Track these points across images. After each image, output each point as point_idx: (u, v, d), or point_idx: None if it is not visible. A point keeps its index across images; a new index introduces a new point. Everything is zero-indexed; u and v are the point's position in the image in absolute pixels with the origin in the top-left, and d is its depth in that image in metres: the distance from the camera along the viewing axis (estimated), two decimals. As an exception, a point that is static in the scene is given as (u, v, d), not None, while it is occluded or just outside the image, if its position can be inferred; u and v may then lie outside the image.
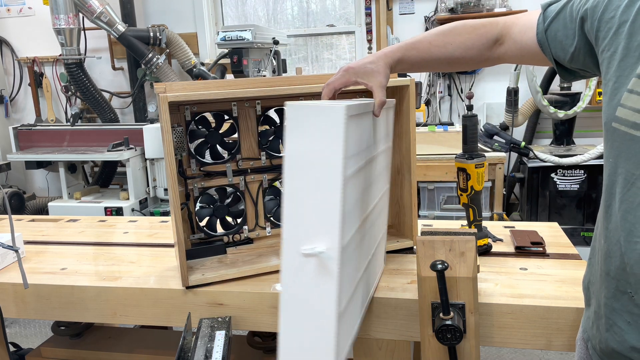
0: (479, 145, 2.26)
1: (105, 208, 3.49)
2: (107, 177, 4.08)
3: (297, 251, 0.81)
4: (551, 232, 1.58)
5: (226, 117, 1.46)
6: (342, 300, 0.84)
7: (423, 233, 1.17)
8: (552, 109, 3.41)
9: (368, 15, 4.12)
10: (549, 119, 3.66)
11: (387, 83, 1.13)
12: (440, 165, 3.11)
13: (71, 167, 3.87)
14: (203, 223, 1.48)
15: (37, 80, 4.53)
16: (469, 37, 1.12)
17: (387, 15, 4.03)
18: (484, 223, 1.53)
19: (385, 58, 1.14)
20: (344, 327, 0.89)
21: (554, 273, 1.29)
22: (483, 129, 3.25)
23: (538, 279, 1.27)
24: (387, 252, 1.47)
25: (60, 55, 3.84)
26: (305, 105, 0.83)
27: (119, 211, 3.46)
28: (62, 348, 1.77)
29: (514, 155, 3.55)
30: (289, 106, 0.83)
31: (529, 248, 1.44)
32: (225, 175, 1.47)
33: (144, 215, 3.55)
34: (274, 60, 3.47)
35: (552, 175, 3.30)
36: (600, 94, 3.42)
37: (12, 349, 1.96)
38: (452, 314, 1.09)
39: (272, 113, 1.49)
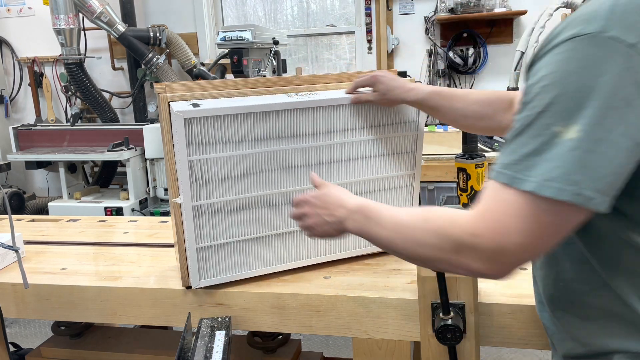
0: (479, 145, 2.26)
1: (105, 208, 3.49)
2: (107, 177, 4.08)
3: (175, 199, 1.24)
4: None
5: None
6: (199, 235, 1.26)
7: (423, 233, 1.17)
8: (552, 109, 3.41)
9: (368, 15, 4.12)
10: (549, 119, 3.66)
11: (388, 103, 1.30)
12: (440, 165, 3.11)
13: (71, 167, 3.86)
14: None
15: (37, 80, 4.53)
16: (487, 97, 1.20)
17: (387, 15, 4.03)
18: (484, 223, 1.53)
19: (408, 93, 1.26)
20: (209, 254, 1.29)
21: (554, 273, 1.29)
22: (483, 129, 3.25)
23: (538, 279, 1.27)
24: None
25: (60, 55, 3.84)
26: (173, 106, 1.18)
27: (119, 211, 3.45)
28: (62, 348, 1.77)
29: (514, 155, 3.55)
30: (172, 104, 1.19)
31: (529, 248, 1.43)
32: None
33: (144, 215, 3.55)
34: (274, 60, 3.46)
35: (552, 175, 3.29)
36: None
37: (12, 349, 1.96)
38: (452, 314, 1.09)
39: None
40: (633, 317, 0.76)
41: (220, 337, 1.21)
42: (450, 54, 3.94)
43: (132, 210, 3.50)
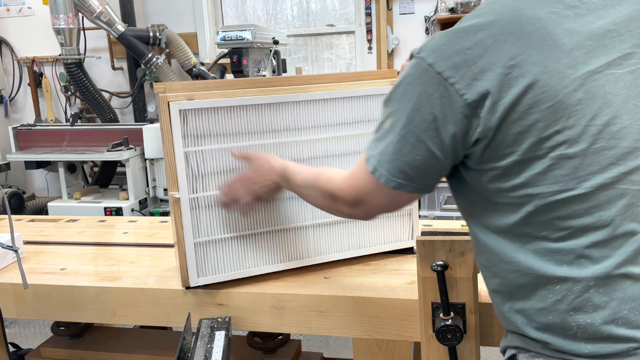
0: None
1: (105, 208, 3.48)
2: (106, 177, 4.08)
3: (173, 193, 1.26)
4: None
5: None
6: (197, 229, 1.28)
7: (423, 233, 1.17)
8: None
9: (368, 15, 4.12)
10: (549, 119, 3.66)
11: None
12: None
13: (71, 167, 3.86)
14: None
15: (36, 80, 4.53)
16: None
17: (387, 15, 4.03)
18: (484, 223, 1.53)
19: None
20: (207, 251, 1.30)
21: (554, 273, 1.29)
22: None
23: (538, 279, 1.27)
24: (387, 252, 1.47)
25: (59, 55, 3.84)
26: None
27: (118, 211, 3.45)
28: (61, 348, 1.77)
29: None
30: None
31: (529, 248, 1.43)
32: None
33: (144, 215, 3.55)
34: (273, 60, 3.46)
35: (552, 175, 3.29)
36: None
37: (11, 349, 1.96)
38: (452, 314, 1.09)
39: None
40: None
41: (220, 337, 1.21)
42: (450, 53, 3.93)
43: (132, 210, 3.50)
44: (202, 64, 4.03)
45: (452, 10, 3.79)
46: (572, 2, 0.81)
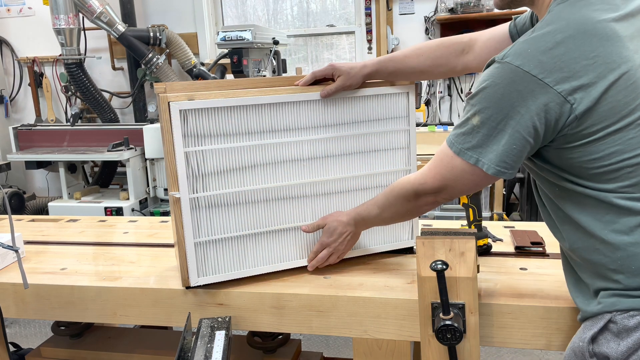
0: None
1: (105, 208, 3.49)
2: (107, 177, 4.08)
3: (173, 193, 1.26)
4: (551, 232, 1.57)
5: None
6: (197, 229, 1.28)
7: (423, 233, 1.17)
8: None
9: (368, 15, 4.12)
10: (549, 119, 3.65)
11: (352, 84, 1.34)
12: (440, 165, 3.10)
13: (71, 167, 3.86)
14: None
15: (37, 80, 4.53)
16: (437, 49, 1.35)
17: (387, 15, 4.03)
18: (484, 223, 1.53)
19: (364, 68, 1.35)
20: (207, 251, 1.30)
21: (554, 273, 1.29)
22: (483, 129, 3.24)
23: (538, 279, 1.27)
24: (387, 252, 1.47)
25: (60, 55, 3.84)
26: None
27: (119, 211, 3.45)
28: (62, 348, 1.77)
29: (514, 155, 3.54)
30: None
31: (529, 248, 1.44)
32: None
33: (144, 215, 3.55)
34: (274, 60, 3.47)
35: (552, 175, 3.28)
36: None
37: (12, 349, 1.96)
38: (452, 314, 1.09)
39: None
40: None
41: (220, 337, 1.21)
42: (450, 54, 3.93)
43: (132, 210, 3.50)
44: (203, 64, 4.04)
45: (451, 10, 3.80)
46: (609, 5, 0.96)
